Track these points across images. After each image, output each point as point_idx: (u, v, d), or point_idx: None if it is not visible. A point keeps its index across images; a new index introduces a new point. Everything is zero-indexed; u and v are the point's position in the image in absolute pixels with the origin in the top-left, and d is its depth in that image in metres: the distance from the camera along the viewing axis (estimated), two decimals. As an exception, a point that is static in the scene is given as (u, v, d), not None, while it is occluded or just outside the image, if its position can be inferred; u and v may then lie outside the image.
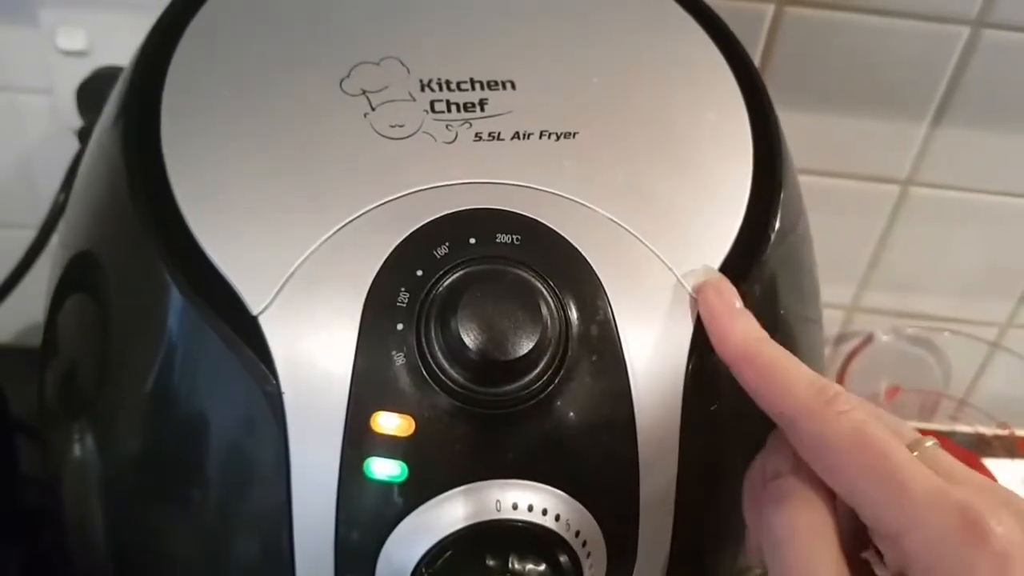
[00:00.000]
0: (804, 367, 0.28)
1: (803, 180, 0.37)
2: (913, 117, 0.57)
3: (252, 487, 0.29)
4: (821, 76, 0.56)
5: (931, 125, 0.58)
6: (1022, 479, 0.65)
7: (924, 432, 0.52)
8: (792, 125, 0.37)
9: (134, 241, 0.31)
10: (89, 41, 0.53)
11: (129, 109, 0.32)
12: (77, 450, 0.35)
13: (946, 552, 0.25)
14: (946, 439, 0.67)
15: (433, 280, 0.28)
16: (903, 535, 0.25)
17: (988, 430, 0.67)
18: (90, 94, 0.53)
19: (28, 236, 0.54)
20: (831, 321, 0.68)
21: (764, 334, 0.29)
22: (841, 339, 0.69)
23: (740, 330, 0.29)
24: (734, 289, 0.30)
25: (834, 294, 0.66)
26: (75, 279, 0.36)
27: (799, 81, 0.56)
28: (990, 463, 0.66)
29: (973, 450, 0.67)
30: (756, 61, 0.54)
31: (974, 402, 0.67)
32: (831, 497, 0.27)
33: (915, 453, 0.26)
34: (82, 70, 0.54)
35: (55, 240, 0.53)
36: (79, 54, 0.53)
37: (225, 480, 0.29)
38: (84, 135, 0.53)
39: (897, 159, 0.59)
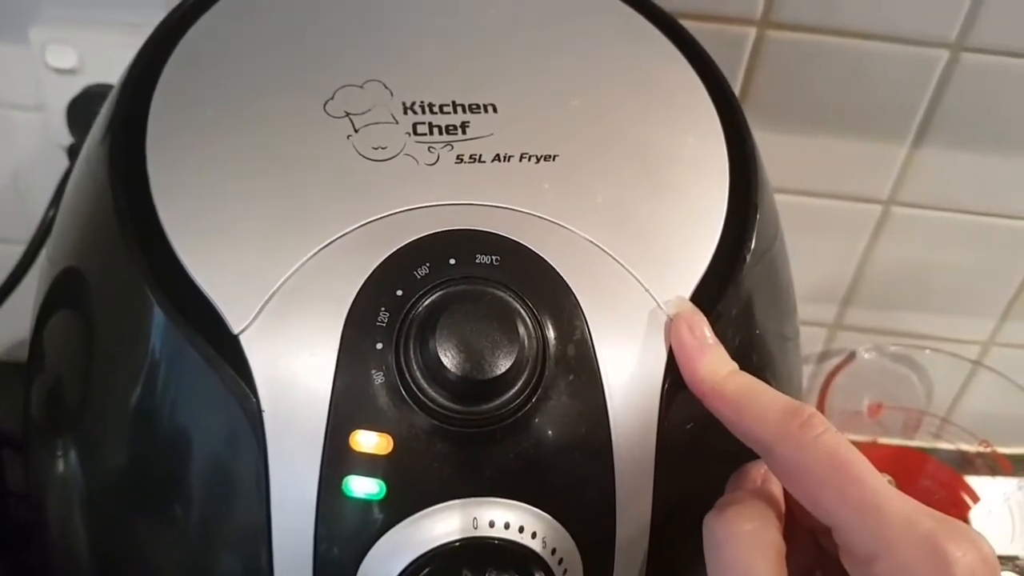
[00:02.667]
0: (776, 393, 0.29)
1: (786, 200, 0.37)
2: (894, 138, 0.58)
3: (232, 503, 0.29)
4: (803, 98, 0.56)
5: (912, 146, 0.58)
6: (1004, 497, 0.65)
7: (907, 450, 0.53)
8: (775, 146, 0.37)
9: (118, 259, 0.31)
10: (79, 59, 0.53)
11: (116, 128, 0.33)
12: (61, 465, 0.35)
13: None
14: (929, 457, 0.68)
15: (413, 300, 0.28)
16: (876, 559, 0.26)
17: (970, 448, 0.67)
18: (80, 111, 0.53)
19: (17, 251, 0.55)
20: (814, 339, 0.69)
21: (734, 366, 0.30)
22: (824, 356, 0.69)
23: (709, 364, 0.29)
24: (705, 321, 0.30)
25: (817, 312, 0.67)
26: (61, 295, 0.37)
27: (781, 103, 0.56)
28: (972, 481, 0.67)
29: (955, 467, 0.67)
30: (738, 83, 0.55)
31: (956, 420, 0.68)
32: (779, 518, 0.28)
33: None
34: (72, 88, 0.54)
35: (43, 255, 0.54)
36: (69, 72, 0.54)
37: (205, 496, 0.30)
38: (73, 152, 0.53)
39: (879, 179, 0.60)
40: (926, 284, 0.65)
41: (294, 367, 0.28)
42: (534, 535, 0.28)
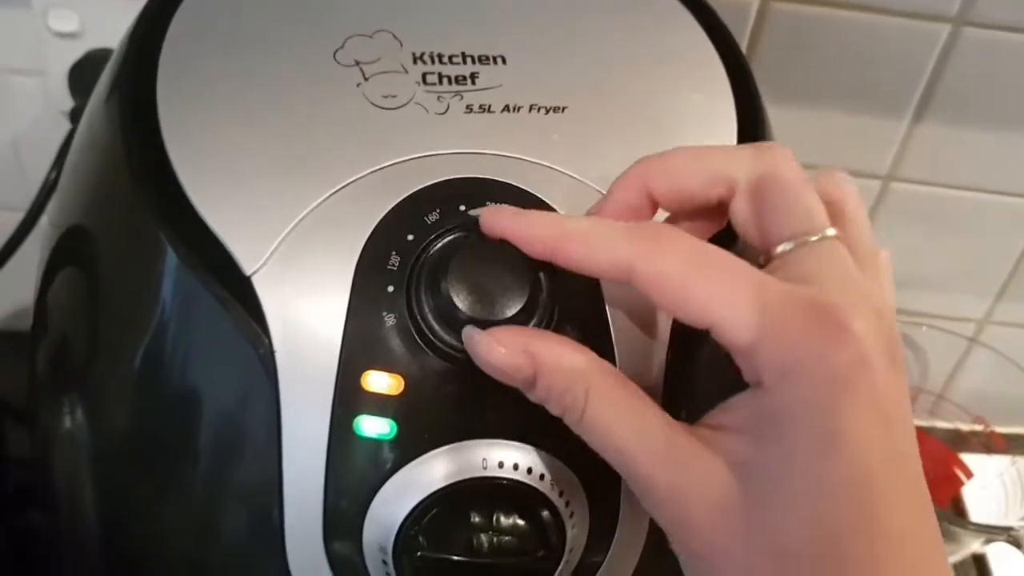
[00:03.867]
0: (611, 221, 0.27)
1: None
2: (894, 113, 0.58)
3: (244, 445, 0.30)
4: (804, 71, 0.57)
5: (912, 121, 0.59)
6: (998, 473, 0.66)
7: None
8: (775, 119, 0.38)
9: (130, 207, 0.31)
10: (81, 23, 0.53)
11: (126, 78, 0.33)
12: (68, 422, 0.35)
13: (799, 354, 0.25)
14: (923, 433, 0.68)
15: (424, 244, 0.28)
16: (757, 346, 0.25)
17: (965, 426, 0.68)
18: (82, 75, 0.53)
19: (17, 218, 0.55)
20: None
21: (559, 217, 0.28)
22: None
23: (539, 223, 0.27)
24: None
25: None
26: (67, 253, 0.37)
27: (782, 76, 0.57)
28: (966, 458, 0.67)
29: (950, 445, 0.68)
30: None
31: (951, 397, 0.68)
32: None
33: (768, 263, 0.27)
34: (74, 52, 0.54)
35: (44, 221, 0.54)
36: (71, 36, 0.54)
37: (218, 439, 0.30)
38: (76, 115, 0.53)
39: (878, 155, 0.60)
40: (924, 261, 0.66)
41: (306, 309, 0.28)
42: (542, 476, 0.28)
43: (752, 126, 0.35)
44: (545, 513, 0.28)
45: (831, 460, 0.24)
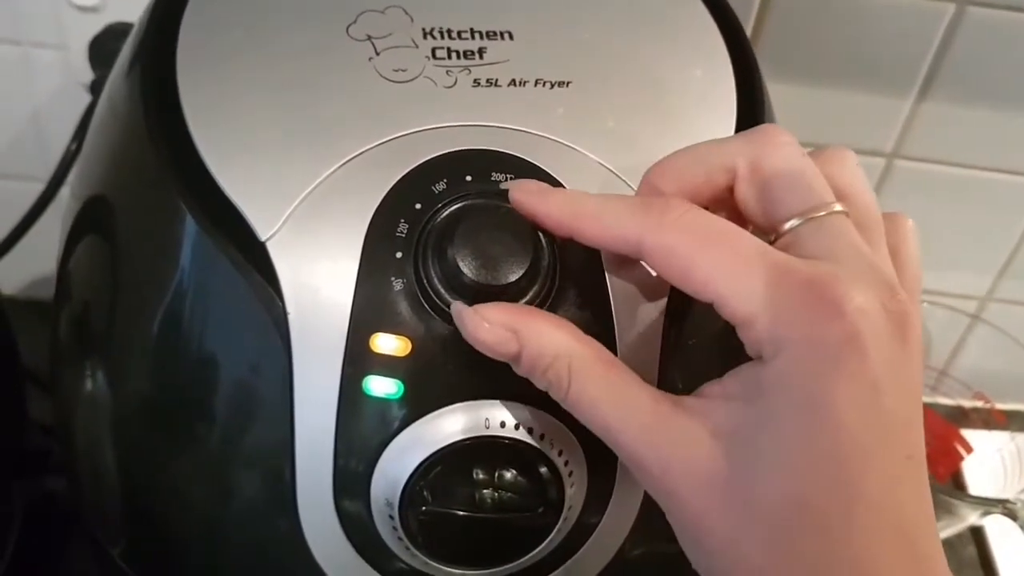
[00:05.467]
0: (624, 197, 0.29)
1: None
2: (899, 92, 0.59)
3: (258, 406, 0.31)
4: (809, 50, 0.57)
5: (916, 100, 0.59)
6: (997, 448, 0.67)
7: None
8: (780, 97, 0.39)
9: (150, 175, 0.32)
10: (102, -3, 0.55)
11: (147, 50, 0.34)
12: (89, 384, 0.37)
13: (793, 327, 0.25)
14: (925, 408, 0.69)
15: (431, 212, 0.30)
16: (756, 320, 0.26)
17: (966, 402, 0.69)
18: (102, 49, 0.54)
19: (38, 189, 0.56)
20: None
21: (576, 195, 0.29)
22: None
23: (557, 200, 0.29)
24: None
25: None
26: (89, 221, 0.38)
27: (788, 55, 0.57)
28: (967, 433, 0.68)
29: (951, 421, 0.69)
30: (747, 33, 0.56)
31: (953, 373, 0.69)
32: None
33: (778, 240, 0.27)
34: (94, 25, 0.55)
35: (66, 192, 0.55)
36: (92, 9, 0.55)
37: (233, 401, 0.31)
38: (96, 87, 0.54)
39: (883, 133, 0.61)
40: (927, 238, 0.66)
41: (318, 273, 0.29)
42: (542, 436, 0.30)
43: (751, 102, 0.36)
44: (544, 471, 0.30)
45: (813, 430, 0.25)
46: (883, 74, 0.58)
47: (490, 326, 0.28)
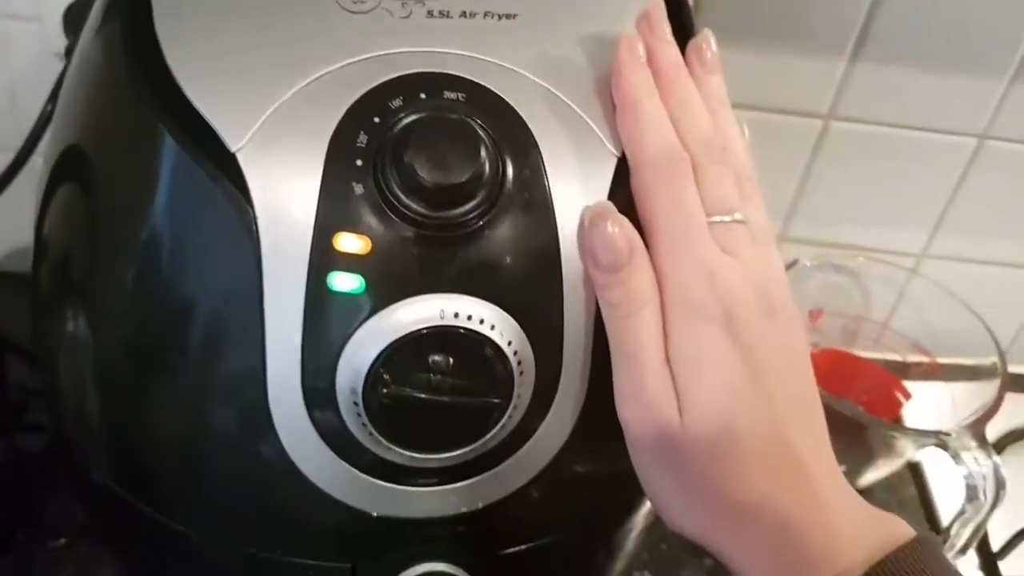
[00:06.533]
0: (672, 133, 0.35)
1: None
2: (833, 54, 0.62)
3: (231, 303, 0.34)
4: (749, 15, 0.61)
5: (849, 62, 0.63)
6: (937, 403, 0.70)
7: (844, 353, 0.60)
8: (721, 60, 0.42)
9: (128, 101, 0.35)
10: (76, -32, 0.57)
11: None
12: (71, 326, 0.39)
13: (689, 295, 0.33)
14: (867, 361, 0.73)
15: (389, 125, 0.33)
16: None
17: (906, 355, 0.72)
18: (77, 16, 0.57)
19: (11, 159, 0.58)
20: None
21: (645, 97, 0.35)
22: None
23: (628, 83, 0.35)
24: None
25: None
26: (67, 162, 0.40)
27: (728, 20, 0.61)
28: (908, 384, 0.72)
29: (894, 373, 0.72)
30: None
31: (894, 327, 0.73)
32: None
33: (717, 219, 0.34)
34: (69, -4, 0.57)
35: (38, 163, 0.57)
36: (66, -20, 0.57)
37: (208, 297, 0.34)
38: (71, 52, 0.56)
39: (819, 95, 0.65)
40: (864, 197, 0.70)
41: (285, 180, 0.32)
42: (492, 327, 0.33)
43: (683, 26, 0.39)
44: (494, 358, 0.33)
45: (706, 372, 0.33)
46: (818, 37, 0.62)
47: (620, 230, 0.33)
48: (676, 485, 0.35)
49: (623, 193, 0.34)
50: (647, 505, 0.44)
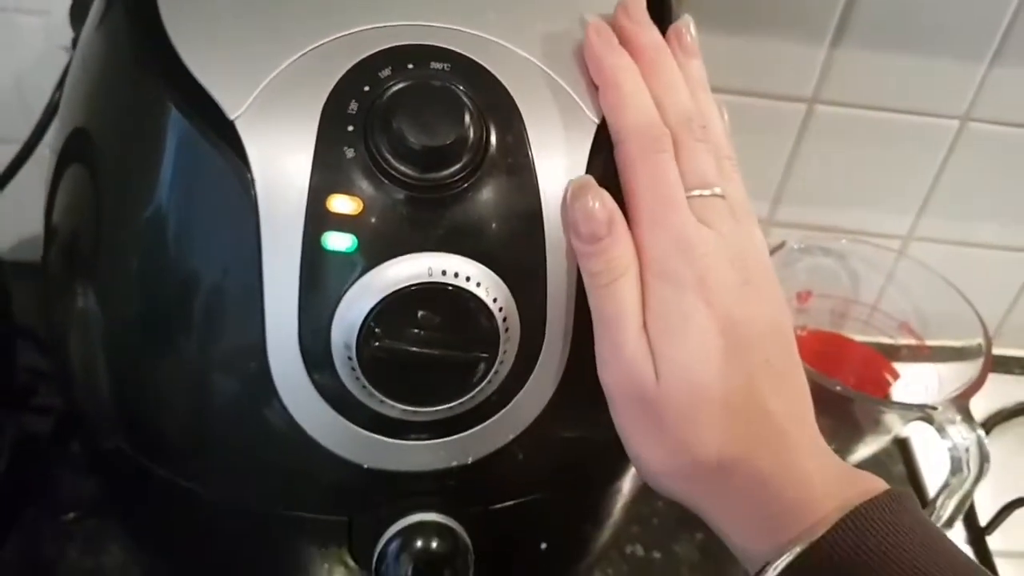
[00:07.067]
0: (650, 106, 0.37)
1: (715, 100, 0.43)
2: (815, 37, 0.64)
3: (232, 263, 0.35)
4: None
5: (831, 45, 0.64)
6: (924, 383, 0.71)
7: (833, 334, 0.61)
8: (703, 47, 0.43)
9: (132, 75, 0.37)
10: (81, -37, 0.59)
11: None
12: (80, 301, 0.40)
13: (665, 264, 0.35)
14: (856, 343, 0.74)
15: (378, 93, 0.34)
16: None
17: (894, 337, 0.74)
18: (83, 9, 0.58)
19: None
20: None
21: (627, 75, 0.37)
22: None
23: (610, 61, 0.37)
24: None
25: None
26: (72, 148, 0.42)
27: (713, 5, 0.62)
28: (897, 365, 0.73)
29: (884, 354, 0.74)
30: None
31: (882, 309, 0.74)
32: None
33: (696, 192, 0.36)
34: (76, -11, 0.59)
35: (45, 153, 0.58)
36: (73, -25, 0.59)
37: (210, 258, 0.36)
38: (76, 44, 0.58)
39: (803, 79, 0.66)
40: (849, 180, 0.72)
41: (281, 146, 0.34)
42: (479, 284, 0.34)
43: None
44: (480, 313, 0.34)
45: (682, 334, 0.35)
46: (801, 21, 0.63)
47: (600, 203, 0.35)
48: (655, 445, 0.36)
49: (603, 159, 0.36)
50: (632, 471, 0.46)
